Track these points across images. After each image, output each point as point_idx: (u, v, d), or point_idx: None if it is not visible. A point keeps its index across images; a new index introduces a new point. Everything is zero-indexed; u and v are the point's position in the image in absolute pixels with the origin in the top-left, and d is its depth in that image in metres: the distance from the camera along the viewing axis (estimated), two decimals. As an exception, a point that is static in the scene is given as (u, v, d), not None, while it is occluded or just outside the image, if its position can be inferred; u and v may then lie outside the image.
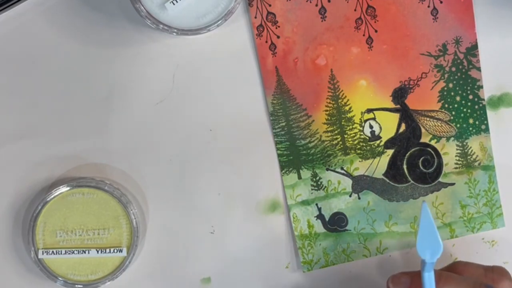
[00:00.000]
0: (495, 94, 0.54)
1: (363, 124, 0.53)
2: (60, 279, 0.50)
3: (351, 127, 0.53)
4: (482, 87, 0.53)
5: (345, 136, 0.53)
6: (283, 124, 0.53)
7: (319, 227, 0.54)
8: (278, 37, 0.52)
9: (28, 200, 0.51)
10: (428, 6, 0.52)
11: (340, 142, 0.53)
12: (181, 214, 0.53)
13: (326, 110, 0.53)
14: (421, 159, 0.54)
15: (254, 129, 0.53)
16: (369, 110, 0.53)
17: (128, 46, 0.51)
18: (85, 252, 0.50)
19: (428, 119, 0.54)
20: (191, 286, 0.53)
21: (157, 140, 0.52)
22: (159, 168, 0.52)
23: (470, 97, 0.54)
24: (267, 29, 0.52)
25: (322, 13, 0.52)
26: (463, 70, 0.53)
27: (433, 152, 0.54)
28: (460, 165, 0.54)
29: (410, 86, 0.53)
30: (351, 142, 0.53)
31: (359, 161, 0.53)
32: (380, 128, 0.53)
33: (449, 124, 0.54)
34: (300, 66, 0.52)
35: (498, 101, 0.54)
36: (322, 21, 0.52)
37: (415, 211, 0.54)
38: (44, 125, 0.51)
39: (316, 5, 0.52)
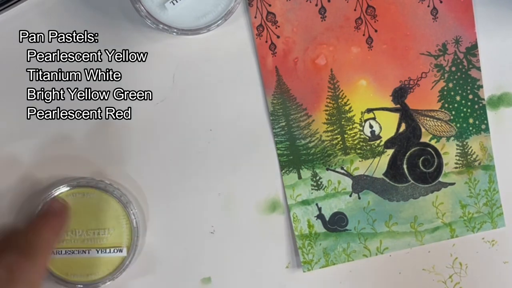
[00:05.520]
0: (495, 93, 0.54)
1: (363, 124, 0.53)
2: (60, 279, 0.50)
3: (351, 127, 0.53)
4: (482, 86, 0.53)
5: (345, 136, 0.53)
6: (283, 124, 0.53)
7: (319, 227, 0.54)
8: (278, 37, 0.52)
9: (28, 200, 0.51)
10: (428, 6, 0.52)
11: (340, 142, 0.53)
12: (181, 214, 0.53)
13: (326, 110, 0.53)
14: (421, 158, 0.54)
15: (254, 129, 0.53)
16: (369, 110, 0.53)
17: (128, 46, 0.51)
18: (85, 252, 0.50)
19: (428, 118, 0.54)
20: (191, 286, 0.53)
21: (157, 140, 0.52)
22: (159, 168, 0.52)
23: (470, 96, 0.54)
24: (267, 29, 0.52)
25: (322, 13, 0.52)
26: (463, 70, 0.53)
27: (433, 152, 0.54)
28: (460, 165, 0.54)
29: (410, 85, 0.53)
30: (351, 142, 0.53)
31: (359, 161, 0.53)
32: (380, 127, 0.53)
33: (449, 123, 0.54)
34: (300, 66, 0.52)
35: (498, 101, 0.54)
36: (322, 21, 0.52)
37: (415, 211, 0.54)
38: (44, 125, 0.51)
39: (316, 5, 0.52)
